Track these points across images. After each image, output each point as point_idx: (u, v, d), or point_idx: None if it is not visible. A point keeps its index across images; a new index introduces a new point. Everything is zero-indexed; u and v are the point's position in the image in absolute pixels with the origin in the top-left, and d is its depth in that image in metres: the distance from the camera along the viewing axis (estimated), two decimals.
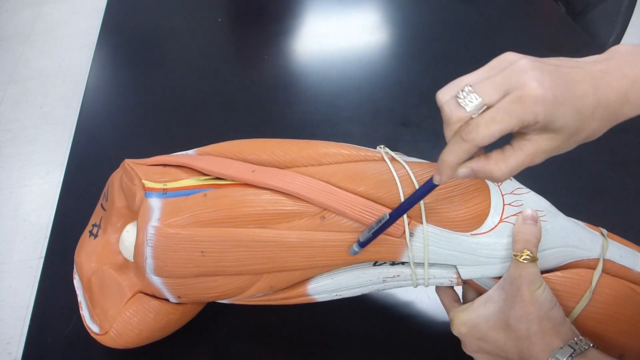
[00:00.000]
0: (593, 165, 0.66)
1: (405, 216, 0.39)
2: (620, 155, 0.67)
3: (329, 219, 0.40)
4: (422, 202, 0.40)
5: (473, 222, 0.40)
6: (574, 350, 0.33)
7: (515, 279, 0.37)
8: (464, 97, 0.31)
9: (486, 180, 0.42)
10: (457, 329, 0.39)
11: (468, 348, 0.39)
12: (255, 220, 0.40)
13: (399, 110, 0.73)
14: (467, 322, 0.39)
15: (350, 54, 0.84)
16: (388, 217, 0.38)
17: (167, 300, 0.43)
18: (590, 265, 0.40)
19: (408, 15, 0.93)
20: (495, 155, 0.33)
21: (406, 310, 0.51)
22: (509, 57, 0.32)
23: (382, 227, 0.38)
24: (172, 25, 0.92)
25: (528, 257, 0.37)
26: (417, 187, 0.41)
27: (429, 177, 0.41)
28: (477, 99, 0.31)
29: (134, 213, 0.43)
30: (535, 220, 0.38)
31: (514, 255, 0.38)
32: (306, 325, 0.49)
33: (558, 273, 0.39)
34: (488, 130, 0.30)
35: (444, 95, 0.32)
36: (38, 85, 1.99)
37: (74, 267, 0.46)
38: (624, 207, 0.61)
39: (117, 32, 0.91)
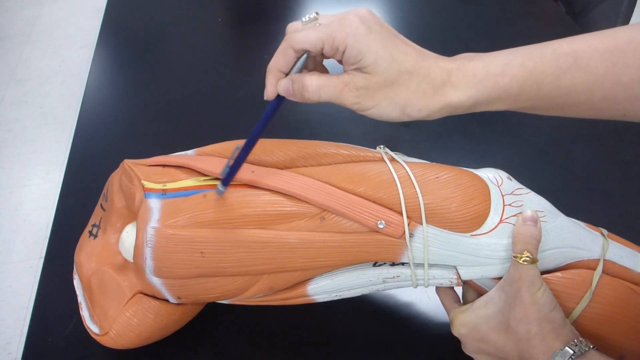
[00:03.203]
0: (593, 165, 0.66)
1: (404, 217, 0.39)
2: (620, 155, 0.67)
3: (328, 220, 0.40)
4: (422, 203, 0.40)
5: (473, 223, 0.40)
6: (574, 352, 0.33)
7: (515, 280, 0.36)
8: (306, 16, 0.35)
9: (486, 181, 0.42)
10: (457, 330, 0.39)
11: (468, 349, 0.39)
12: (254, 221, 0.40)
13: None
14: (468, 323, 0.39)
15: None
16: (239, 147, 0.38)
17: (166, 300, 0.43)
18: (590, 265, 0.40)
19: (408, 15, 0.93)
20: (315, 73, 0.36)
21: (406, 311, 0.51)
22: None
23: (237, 159, 0.38)
24: (172, 25, 0.92)
25: (528, 258, 0.37)
26: (417, 187, 0.41)
27: (429, 177, 0.41)
28: (313, 15, 0.35)
29: (133, 213, 0.43)
30: (535, 221, 0.38)
31: (513, 256, 0.37)
32: (306, 325, 0.49)
33: (558, 274, 0.39)
34: (305, 34, 0.34)
35: (291, 24, 0.37)
36: (38, 85, 1.99)
37: (74, 267, 0.46)
38: (624, 207, 0.61)
39: (117, 32, 0.91)
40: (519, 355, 0.36)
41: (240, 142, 0.39)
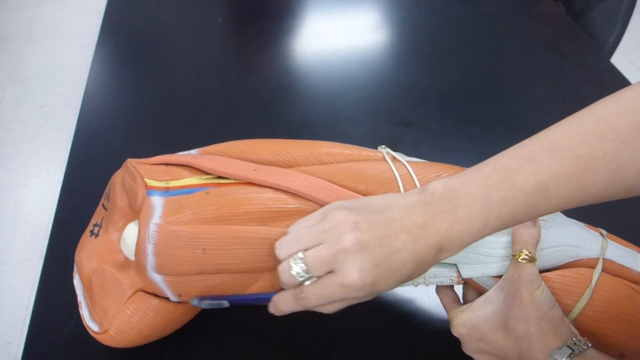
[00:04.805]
0: None
1: None
2: None
3: None
4: None
5: None
6: (573, 350, 0.33)
7: (514, 279, 0.37)
8: (295, 265, 0.35)
9: None
10: (457, 330, 0.39)
11: (468, 348, 0.40)
12: (257, 218, 0.40)
13: (399, 110, 0.73)
14: (467, 322, 0.39)
15: (350, 54, 0.84)
16: (228, 304, 0.41)
17: (167, 299, 0.43)
18: (590, 264, 0.40)
19: (408, 15, 0.93)
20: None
21: (406, 310, 0.51)
22: (338, 224, 0.35)
23: (218, 307, 0.41)
24: (172, 25, 0.92)
25: (526, 257, 0.37)
26: (418, 185, 0.41)
27: (431, 175, 0.42)
28: (305, 273, 0.35)
29: (135, 212, 0.43)
30: (535, 221, 0.38)
31: (512, 255, 0.38)
32: (306, 325, 0.49)
33: (558, 272, 0.39)
34: (317, 302, 0.36)
35: (281, 252, 0.36)
36: (38, 85, 1.99)
37: (75, 266, 0.46)
38: (624, 207, 0.61)
39: (117, 32, 0.91)
40: (518, 354, 0.36)
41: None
